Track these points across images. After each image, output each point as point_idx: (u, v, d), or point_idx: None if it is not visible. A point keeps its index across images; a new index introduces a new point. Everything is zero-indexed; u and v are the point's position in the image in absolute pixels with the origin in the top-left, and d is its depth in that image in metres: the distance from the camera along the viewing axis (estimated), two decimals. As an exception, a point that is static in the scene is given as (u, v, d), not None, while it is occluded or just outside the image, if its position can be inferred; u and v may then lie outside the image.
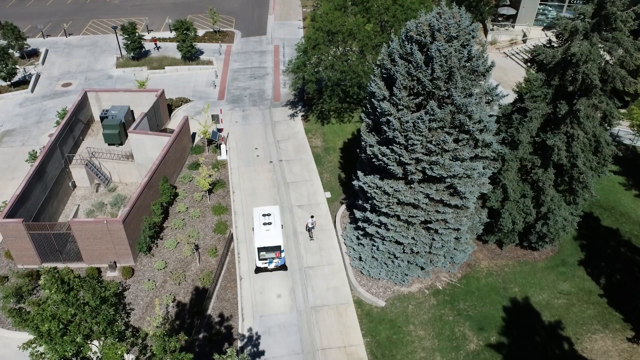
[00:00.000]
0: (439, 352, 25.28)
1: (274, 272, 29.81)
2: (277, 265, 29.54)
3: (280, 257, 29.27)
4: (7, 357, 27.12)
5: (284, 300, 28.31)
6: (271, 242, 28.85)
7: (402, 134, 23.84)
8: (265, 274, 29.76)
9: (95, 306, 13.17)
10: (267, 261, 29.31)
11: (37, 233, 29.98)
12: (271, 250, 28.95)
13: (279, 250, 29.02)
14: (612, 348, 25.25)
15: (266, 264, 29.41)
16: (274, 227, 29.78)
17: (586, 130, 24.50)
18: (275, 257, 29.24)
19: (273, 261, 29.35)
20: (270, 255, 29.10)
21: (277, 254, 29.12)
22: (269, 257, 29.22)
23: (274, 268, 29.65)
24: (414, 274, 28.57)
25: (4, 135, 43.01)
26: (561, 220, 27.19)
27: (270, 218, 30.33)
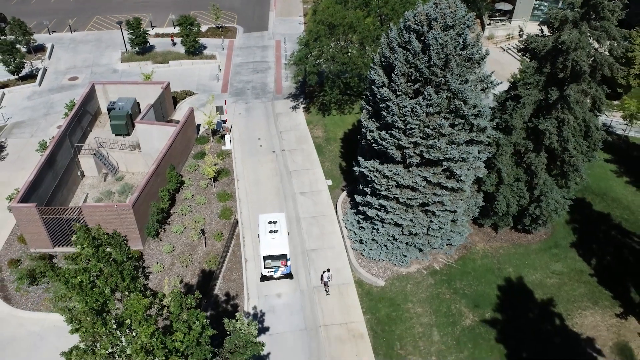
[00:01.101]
0: (436, 327, 26.48)
1: (275, 237, 28.89)
2: (283, 273, 29.01)
3: (287, 266, 28.76)
4: (21, 336, 28.24)
5: (288, 281, 29.42)
6: (277, 250, 28.35)
7: (401, 118, 25.02)
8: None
9: (120, 261, 14.32)
10: (273, 270, 28.82)
11: (49, 217, 31.13)
12: (277, 259, 28.42)
13: (285, 259, 28.46)
14: (601, 323, 26.46)
15: (272, 272, 28.89)
16: (280, 235, 29.13)
17: (576, 115, 25.70)
18: (281, 266, 28.74)
19: (279, 270, 28.85)
20: (276, 263, 28.61)
21: (283, 263, 28.59)
22: (274, 266, 28.71)
23: (279, 277, 29.13)
24: (413, 255, 29.74)
25: (13, 127, 44.13)
26: (553, 203, 28.38)
27: (276, 226, 29.72)
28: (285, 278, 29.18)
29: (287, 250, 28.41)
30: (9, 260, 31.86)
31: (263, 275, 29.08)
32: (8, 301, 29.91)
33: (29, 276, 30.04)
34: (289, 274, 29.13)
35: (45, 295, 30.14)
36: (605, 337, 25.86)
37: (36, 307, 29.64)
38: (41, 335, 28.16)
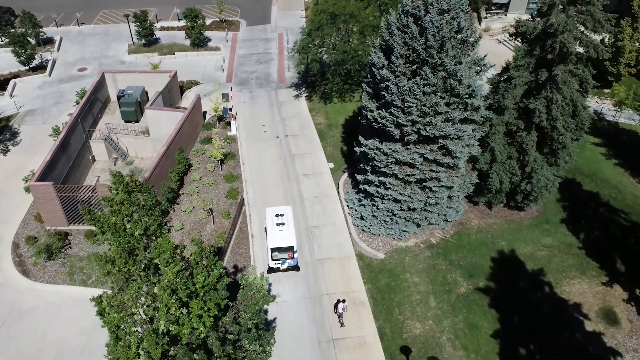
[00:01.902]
0: (432, 294, 28.11)
1: (282, 230, 29.49)
2: (290, 265, 29.40)
3: (294, 258, 29.16)
4: (40, 307, 29.80)
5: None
6: (284, 242, 28.74)
7: (399, 97, 26.65)
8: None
9: (149, 206, 15.88)
10: (280, 261, 29.21)
11: (64, 195, 32.72)
12: (284, 251, 28.84)
13: (292, 251, 28.87)
14: (588, 290, 28.10)
15: (279, 264, 29.26)
16: (287, 228, 29.50)
17: (564, 95, 27.33)
18: (288, 258, 29.13)
19: (286, 262, 29.26)
20: (283, 255, 28.99)
21: (290, 255, 28.99)
22: (282, 258, 29.07)
23: (286, 269, 29.58)
24: (411, 230, 31.36)
25: (25, 115, 45.70)
26: (544, 180, 30.01)
27: (283, 218, 30.09)
28: (292, 270, 29.61)
29: (294, 242, 28.79)
30: (26, 237, 33.42)
31: (270, 267, 29.46)
32: (27, 275, 31.47)
33: (46, 251, 31.60)
34: (295, 266, 29.57)
35: (61, 270, 31.74)
36: (591, 303, 27.50)
37: (53, 280, 31.20)
38: (59, 306, 29.72)
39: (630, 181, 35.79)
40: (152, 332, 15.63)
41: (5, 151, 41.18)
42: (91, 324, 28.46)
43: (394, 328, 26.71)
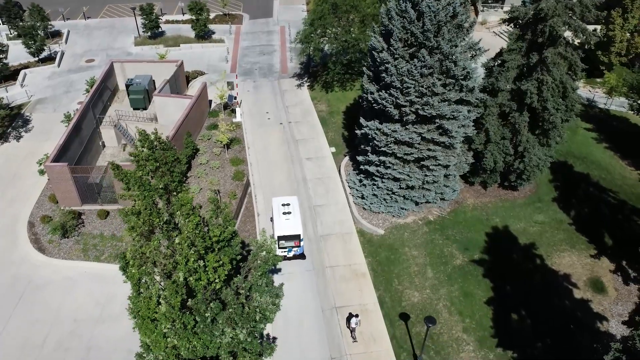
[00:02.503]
0: (429, 266, 29.66)
1: (289, 219, 30.06)
2: (296, 254, 30.03)
3: (300, 246, 29.73)
4: (56, 281, 31.26)
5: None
6: (291, 231, 29.24)
7: (398, 79, 28.18)
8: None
9: (171, 162, 17.35)
10: (287, 250, 29.80)
11: (78, 176, 34.22)
12: (290, 239, 29.35)
13: (298, 240, 29.44)
14: (577, 262, 29.66)
15: (285, 252, 29.81)
16: (294, 217, 30.11)
17: (554, 77, 28.88)
18: (294, 246, 29.71)
19: (292, 250, 29.88)
20: (289, 244, 29.51)
21: (297, 243, 29.56)
22: (288, 246, 29.61)
23: (292, 257, 30.19)
24: (409, 207, 32.90)
25: (36, 103, 47.19)
26: (535, 159, 31.56)
27: (289, 208, 30.70)
28: (297, 258, 30.29)
29: (300, 230, 29.40)
30: (41, 216, 34.90)
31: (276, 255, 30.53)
32: (42, 251, 32.94)
33: (61, 228, 33.07)
34: (301, 254, 30.22)
35: (75, 247, 33.22)
36: (580, 273, 29.06)
37: (68, 256, 32.68)
38: (74, 280, 31.20)
39: (619, 163, 37.37)
40: (172, 283, 17.15)
41: (18, 137, 42.68)
42: (105, 296, 30.01)
43: (394, 297, 28.25)
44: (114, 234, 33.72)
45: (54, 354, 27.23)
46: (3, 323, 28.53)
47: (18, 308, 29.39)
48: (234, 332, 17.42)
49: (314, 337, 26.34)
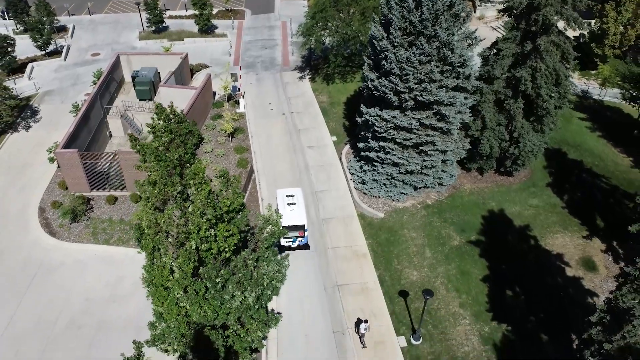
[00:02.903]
0: (428, 247, 30.81)
1: (293, 209, 30.37)
2: (301, 244, 30.31)
3: (304, 236, 30.01)
4: (67, 263, 32.32)
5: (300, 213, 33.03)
6: (295, 221, 29.48)
7: (397, 66, 29.33)
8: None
9: (184, 135, 18.46)
10: (291, 240, 30.02)
11: (88, 162, 35.34)
12: (295, 230, 29.51)
13: (302, 230, 29.68)
14: (570, 243, 30.81)
15: (290, 242, 30.05)
16: (298, 207, 30.36)
17: (547, 64, 30.03)
18: (299, 236, 29.93)
19: (296, 240, 30.12)
20: (294, 234, 29.65)
21: (301, 233, 29.79)
22: (292, 236, 29.75)
23: (296, 247, 30.49)
24: (408, 192, 34.03)
25: (44, 94, 48.30)
26: (530, 145, 32.70)
27: (293, 199, 31.02)
28: (302, 249, 30.69)
29: (305, 221, 29.63)
30: (51, 202, 36.00)
31: (281, 245, 29.96)
32: (53, 235, 34.04)
33: (71, 212, 34.17)
34: (305, 244, 30.60)
35: (85, 231, 34.33)
36: (572, 253, 30.20)
37: (78, 239, 33.78)
38: (84, 262, 32.29)
39: (612, 151, 38.53)
40: (184, 251, 18.27)
41: (27, 127, 43.80)
42: (114, 277, 31.11)
43: (393, 276, 29.38)
44: (122, 219, 34.84)
45: (66, 330, 28.31)
46: (17, 302, 29.62)
47: (31, 288, 30.47)
48: (243, 295, 18.52)
49: (317, 313, 27.47)
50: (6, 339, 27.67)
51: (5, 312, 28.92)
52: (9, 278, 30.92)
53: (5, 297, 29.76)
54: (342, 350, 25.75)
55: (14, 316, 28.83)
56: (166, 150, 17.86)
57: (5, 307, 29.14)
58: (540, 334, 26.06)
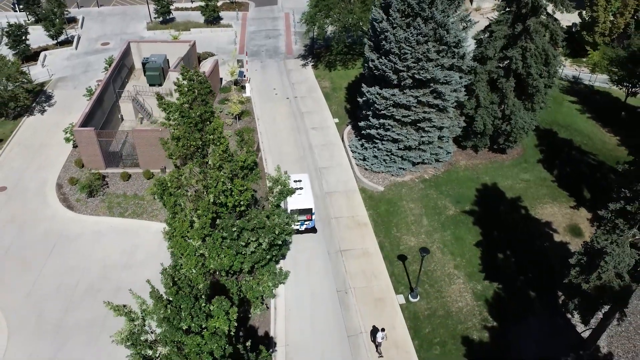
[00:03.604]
0: (425, 216, 32.83)
1: (301, 193, 31.21)
2: (308, 227, 31.20)
3: (311, 220, 30.91)
4: (85, 234, 34.25)
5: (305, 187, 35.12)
6: (303, 204, 30.42)
7: (397, 46, 31.33)
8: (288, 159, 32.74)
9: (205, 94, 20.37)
10: (299, 223, 30.76)
11: (104, 140, 37.33)
12: (303, 213, 30.36)
13: (310, 213, 30.55)
14: (558, 212, 32.84)
15: (297, 225, 30.60)
16: (306, 192, 31.24)
17: (537, 44, 32.05)
18: (306, 220, 30.77)
19: (304, 223, 30.99)
20: (301, 217, 30.41)
21: (309, 217, 30.63)
22: (300, 220, 30.38)
23: (304, 230, 31.42)
24: (407, 167, 36.05)
25: (57, 81, 50.29)
26: (521, 122, 34.72)
27: (301, 184, 31.86)
28: (309, 232, 31.63)
29: (312, 204, 30.56)
30: (68, 178, 37.98)
31: None
32: (71, 209, 35.99)
33: (88, 187, 36.14)
34: (312, 227, 31.54)
35: (101, 205, 36.30)
36: (560, 221, 32.22)
37: (95, 212, 35.74)
38: (101, 233, 34.24)
39: (600, 130, 40.58)
40: (204, 202, 20.26)
41: (42, 111, 45.77)
42: (130, 246, 33.04)
43: (392, 242, 31.39)
44: (136, 194, 36.82)
45: (86, 294, 30.24)
46: (39, 269, 31.54)
47: (52, 256, 32.40)
48: (257, 242, 20.51)
49: (322, 274, 29.48)
50: (31, 301, 29.61)
51: (29, 277, 30.85)
52: (31, 247, 32.85)
53: (29, 264, 31.68)
54: (345, 306, 27.77)
55: (37, 281, 30.75)
56: (189, 108, 19.85)
57: (29, 273, 31.06)
58: (528, 291, 28.09)
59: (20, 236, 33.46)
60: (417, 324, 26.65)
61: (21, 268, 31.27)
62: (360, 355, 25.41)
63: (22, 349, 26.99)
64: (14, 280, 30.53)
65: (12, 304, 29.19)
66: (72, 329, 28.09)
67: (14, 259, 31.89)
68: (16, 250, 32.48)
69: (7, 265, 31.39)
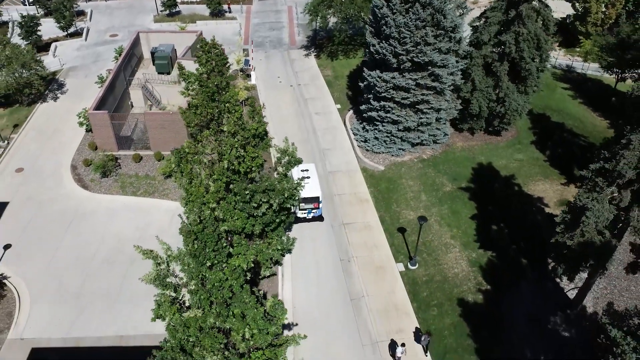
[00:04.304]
0: (423, 192, 34.62)
1: (308, 182, 31.55)
2: (315, 215, 31.90)
3: (319, 208, 31.60)
4: (99, 211, 35.93)
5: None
6: (311, 193, 30.98)
7: (396, 30, 33.11)
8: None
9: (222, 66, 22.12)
10: (307, 211, 31.62)
11: (117, 122, 39.09)
12: (310, 202, 31.11)
13: (317, 202, 31.24)
14: (549, 188, 34.64)
15: (305, 214, 31.64)
16: (312, 181, 31.86)
17: (529, 29, 33.84)
18: (314, 208, 31.41)
19: (312, 212, 31.67)
20: (309, 206, 31.21)
21: (316, 205, 31.30)
22: (308, 208, 31.29)
23: (311, 218, 32.14)
24: (406, 148, 37.84)
25: (68, 70, 52.08)
26: (515, 104, 36.50)
27: (308, 173, 32.49)
28: (316, 220, 32.40)
29: (319, 193, 31.25)
30: (83, 160, 39.74)
31: (297, 217, 31.50)
32: (86, 188, 37.74)
33: (102, 167, 37.87)
34: (319, 216, 32.26)
35: (114, 184, 38.04)
36: (551, 196, 34.01)
37: (108, 192, 37.48)
38: (114, 210, 35.97)
39: (591, 114, 42.38)
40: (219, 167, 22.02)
41: (55, 98, 47.55)
42: (143, 222, 34.77)
43: (392, 216, 33.17)
44: (148, 174, 38.58)
45: (102, 265, 31.95)
46: (58, 242, 33.26)
47: (69, 231, 34.13)
48: (269, 204, 22.27)
49: (326, 245, 31.24)
50: (51, 271, 31.32)
51: (48, 251, 32.55)
52: (49, 223, 34.56)
53: (47, 238, 33.38)
54: (348, 273, 29.54)
55: (56, 254, 32.46)
56: (207, 79, 21.60)
57: (48, 246, 32.76)
58: (520, 259, 29.86)
59: (38, 213, 35.20)
60: (416, 288, 28.41)
61: (40, 242, 33.00)
62: (362, 315, 27.18)
63: (44, 314, 28.71)
64: (35, 252, 32.25)
65: (34, 274, 30.92)
66: (90, 297, 29.80)
67: (33, 233, 33.62)
68: (35, 225, 34.22)
69: (28, 239, 33.12)
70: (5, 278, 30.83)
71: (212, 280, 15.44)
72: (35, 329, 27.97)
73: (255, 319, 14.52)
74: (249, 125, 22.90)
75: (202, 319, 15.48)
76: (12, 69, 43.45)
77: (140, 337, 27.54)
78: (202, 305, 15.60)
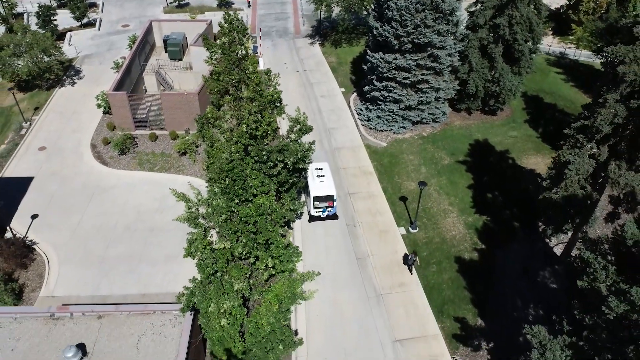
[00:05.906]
0: (423, 165, 37.05)
1: (323, 181, 32.37)
2: (329, 214, 32.23)
3: (333, 207, 31.91)
4: (119, 185, 38.27)
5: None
6: (326, 191, 31.44)
7: (398, 13, 35.50)
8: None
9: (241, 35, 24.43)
10: (321, 210, 31.97)
11: (134, 103, 41.47)
12: (325, 200, 31.47)
13: (332, 200, 31.58)
14: (541, 162, 37.04)
15: (320, 212, 31.97)
16: (327, 179, 32.38)
17: (521, 12, 36.25)
18: (328, 207, 31.81)
19: (326, 210, 31.98)
20: (324, 204, 31.56)
21: (330, 203, 31.68)
22: (322, 206, 31.68)
23: (326, 217, 32.50)
24: (407, 126, 40.23)
25: (84, 58, 54.48)
26: (509, 84, 38.90)
27: (322, 172, 33.00)
28: (330, 219, 32.79)
29: (334, 191, 31.61)
30: (102, 138, 42.12)
31: (312, 215, 32.31)
32: (105, 164, 40.11)
33: (121, 144, 40.24)
34: (334, 214, 32.68)
35: (132, 161, 40.41)
36: (542, 169, 36.27)
37: (127, 168, 39.85)
38: (133, 184, 38.33)
39: (582, 97, 44.74)
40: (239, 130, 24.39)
41: (72, 83, 49.96)
42: (160, 194, 37.05)
43: (394, 186, 35.58)
44: (163, 152, 40.95)
45: (123, 233, 34.32)
46: (81, 213, 35.60)
47: (91, 203, 36.50)
48: (283, 163, 24.65)
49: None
50: (76, 238, 33.67)
51: (73, 220, 34.88)
52: (72, 196, 36.93)
53: (71, 209, 35.71)
54: (354, 237, 31.94)
55: (80, 223, 34.82)
56: (229, 48, 23.96)
57: (72, 217, 35.08)
58: (513, 222, 32.27)
59: (61, 187, 37.59)
60: (417, 249, 30.79)
61: (65, 212, 35.36)
62: (367, 272, 29.59)
63: (72, 275, 31.06)
64: (60, 222, 34.62)
65: (61, 241, 33.29)
66: (114, 260, 32.15)
67: (58, 205, 35.99)
68: (59, 198, 36.60)
69: (53, 210, 35.48)
70: (34, 244, 33.23)
71: (240, 214, 17.74)
72: (65, 288, 30.34)
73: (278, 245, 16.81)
74: (265, 92, 25.28)
75: (230, 250, 17.82)
76: (33, 54, 45.83)
77: (162, 295, 29.95)
78: (230, 238, 17.92)
